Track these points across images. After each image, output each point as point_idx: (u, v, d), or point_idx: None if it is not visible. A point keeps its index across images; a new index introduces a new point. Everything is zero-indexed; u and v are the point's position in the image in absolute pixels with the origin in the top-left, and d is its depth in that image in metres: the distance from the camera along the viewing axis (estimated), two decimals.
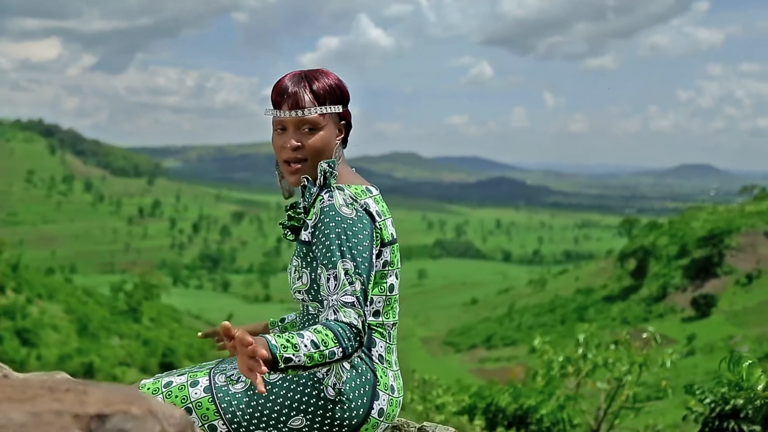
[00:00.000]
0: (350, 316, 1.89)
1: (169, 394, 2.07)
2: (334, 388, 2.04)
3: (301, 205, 2.15)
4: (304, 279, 2.12)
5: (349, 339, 1.87)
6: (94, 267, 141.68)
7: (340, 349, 1.86)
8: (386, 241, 2.12)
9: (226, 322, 1.82)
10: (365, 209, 2.07)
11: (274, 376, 2.07)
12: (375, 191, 2.18)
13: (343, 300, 1.92)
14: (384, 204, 2.18)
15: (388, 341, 2.16)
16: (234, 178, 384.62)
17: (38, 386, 0.86)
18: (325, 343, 1.84)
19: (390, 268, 2.15)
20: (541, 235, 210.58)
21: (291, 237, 2.20)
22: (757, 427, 3.15)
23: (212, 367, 2.19)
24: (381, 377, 2.10)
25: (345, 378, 2.05)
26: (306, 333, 1.85)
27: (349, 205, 2.04)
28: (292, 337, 1.83)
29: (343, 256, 1.96)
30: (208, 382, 2.11)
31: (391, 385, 2.13)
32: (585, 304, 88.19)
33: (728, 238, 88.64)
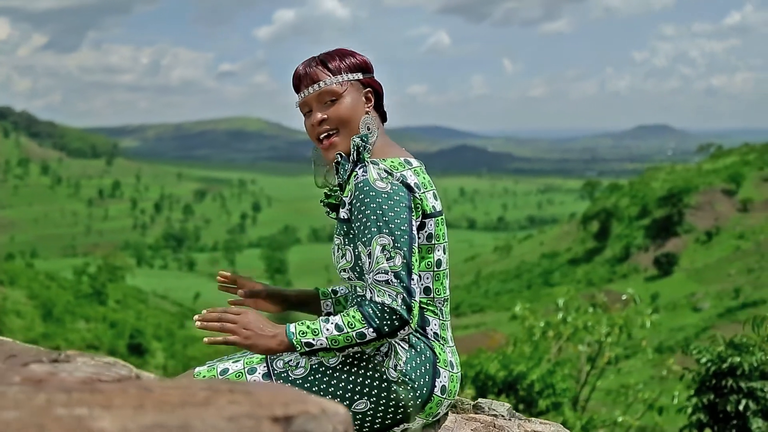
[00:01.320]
0: (384, 295, 1.86)
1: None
2: (395, 370, 2.00)
3: (337, 182, 2.11)
4: (348, 256, 2.07)
5: (382, 319, 1.85)
6: (56, 251, 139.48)
7: (371, 330, 1.86)
8: (428, 212, 2.05)
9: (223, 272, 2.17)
10: (402, 181, 2.00)
11: (333, 361, 2.03)
12: (415, 162, 2.11)
13: (377, 278, 1.88)
14: (426, 176, 2.11)
15: (441, 318, 2.10)
16: (194, 155, 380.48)
17: (200, 387, 0.86)
18: (351, 325, 1.88)
19: (436, 242, 2.08)
20: (504, 201, 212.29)
21: (333, 215, 2.16)
22: (756, 384, 3.17)
23: None
24: (440, 354, 2.06)
25: (405, 358, 2.01)
26: (334, 317, 1.92)
27: (384, 179, 1.98)
28: (315, 322, 1.93)
29: (379, 231, 1.91)
30: (266, 368, 2.08)
31: (450, 361, 2.09)
32: (550, 268, 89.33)
33: (687, 196, 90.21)
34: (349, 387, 2.00)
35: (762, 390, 3.86)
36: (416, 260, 1.91)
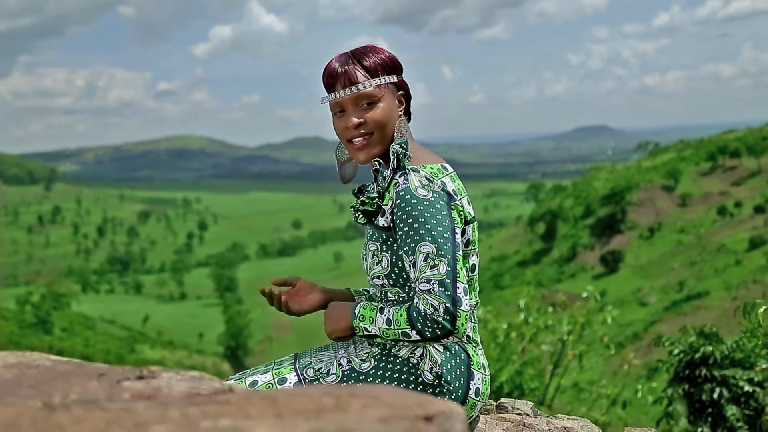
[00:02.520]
0: (426, 304, 1.84)
1: None
2: (431, 372, 1.99)
3: (375, 190, 2.07)
4: (384, 263, 2.04)
5: (424, 326, 1.84)
6: None
7: (414, 332, 1.86)
8: (468, 219, 2.06)
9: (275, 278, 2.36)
10: (443, 188, 1.98)
11: (366, 366, 2.03)
12: (450, 168, 2.08)
13: (420, 288, 1.86)
14: (460, 181, 2.09)
15: (473, 321, 2.11)
16: (136, 176, 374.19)
17: (319, 394, 0.86)
18: (398, 323, 1.89)
19: (472, 248, 2.11)
20: None
21: (362, 220, 2.11)
22: (728, 371, 3.23)
23: (292, 362, 2.15)
24: (473, 356, 2.06)
25: (440, 361, 2.00)
26: (388, 310, 1.95)
27: (425, 186, 1.95)
28: (374, 310, 1.97)
29: (422, 240, 1.88)
30: (297, 377, 2.07)
31: (483, 363, 2.09)
32: (500, 271, 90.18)
33: (628, 194, 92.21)
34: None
35: (734, 377, 3.95)
36: (461, 268, 1.88)
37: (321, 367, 2.06)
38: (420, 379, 1.98)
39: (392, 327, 1.91)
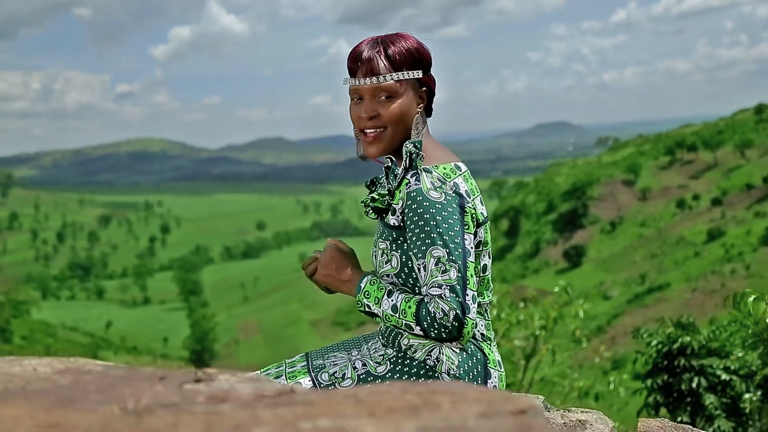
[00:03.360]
0: (437, 309, 1.80)
1: None
2: (449, 374, 1.96)
3: (386, 188, 2.01)
4: (394, 262, 2.01)
5: (430, 326, 1.81)
6: None
7: (419, 329, 1.84)
8: (480, 221, 2.00)
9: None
10: (455, 191, 1.92)
11: (381, 369, 1.97)
12: (464, 168, 2.03)
13: (431, 292, 1.82)
14: (473, 181, 2.04)
15: (486, 319, 2.08)
16: (96, 180, 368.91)
17: (398, 392, 0.86)
18: (404, 313, 1.86)
19: (484, 248, 2.04)
20: None
21: (373, 216, 2.07)
22: (705, 361, 3.29)
23: (305, 364, 2.10)
24: (489, 354, 2.03)
25: (457, 362, 1.97)
26: (397, 296, 1.91)
27: (438, 188, 1.90)
28: (382, 291, 1.94)
29: (433, 244, 1.84)
30: (311, 382, 2.03)
31: (498, 360, 2.07)
32: None
33: (590, 189, 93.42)
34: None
35: (711, 367, 4.03)
36: (471, 274, 1.84)
37: (336, 371, 2.02)
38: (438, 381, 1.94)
39: (397, 315, 1.88)
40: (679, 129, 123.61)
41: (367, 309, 1.96)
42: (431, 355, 1.96)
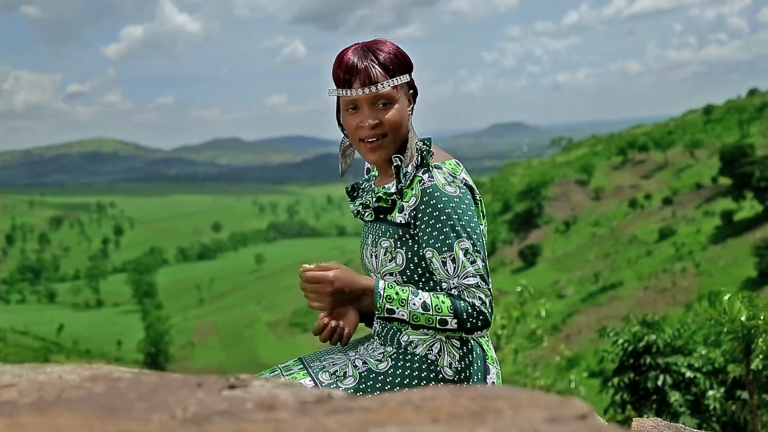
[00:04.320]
0: (475, 297, 1.85)
1: None
2: (451, 368, 1.98)
3: (396, 187, 2.02)
4: (399, 260, 2.02)
5: (470, 316, 1.84)
6: None
7: (455, 321, 1.84)
8: (485, 213, 2.10)
9: (305, 266, 1.95)
10: (465, 184, 2.00)
11: (382, 366, 1.98)
12: (461, 164, 2.10)
13: (466, 283, 1.86)
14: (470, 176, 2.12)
15: None
16: (47, 182, 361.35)
17: (451, 397, 0.85)
18: (438, 309, 1.86)
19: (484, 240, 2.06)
20: None
21: (370, 218, 2.06)
22: (670, 359, 3.35)
23: (301, 367, 2.08)
24: (487, 350, 2.07)
25: (459, 356, 1.99)
26: (423, 293, 1.89)
27: (451, 183, 1.97)
28: (405, 291, 1.90)
29: (458, 236, 1.89)
30: (312, 383, 2.01)
31: (494, 357, 2.11)
32: None
33: (545, 189, 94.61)
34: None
35: (676, 364, 4.09)
36: (486, 263, 1.93)
37: (336, 370, 2.02)
38: (440, 376, 1.97)
39: (430, 312, 1.86)
40: (630, 129, 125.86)
41: (388, 314, 1.91)
42: (432, 350, 1.98)
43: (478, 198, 2.03)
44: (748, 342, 2.69)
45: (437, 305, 1.87)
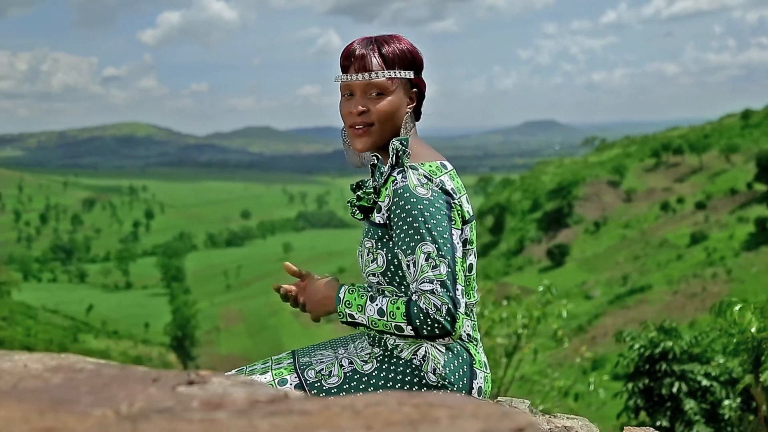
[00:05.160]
0: (429, 304, 1.79)
1: None
2: (434, 374, 1.96)
3: (371, 186, 2.02)
4: (380, 261, 2.00)
5: (423, 323, 1.80)
6: None
7: (410, 328, 1.82)
8: (466, 218, 2.00)
9: (288, 264, 2.10)
10: (441, 188, 1.94)
11: (368, 367, 1.98)
12: (450, 166, 2.04)
13: (422, 288, 1.81)
14: (459, 180, 2.05)
15: (472, 319, 2.07)
16: (81, 163, 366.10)
17: (396, 403, 0.85)
18: (393, 315, 1.85)
19: (470, 247, 2.04)
20: None
21: (359, 216, 2.06)
22: (686, 366, 3.31)
23: (291, 362, 2.09)
24: (475, 355, 2.03)
25: (443, 361, 1.97)
26: (381, 299, 1.90)
27: (425, 185, 1.91)
28: (363, 297, 1.92)
29: (422, 239, 1.84)
30: (297, 379, 2.03)
31: (484, 361, 2.07)
32: None
33: (575, 189, 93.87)
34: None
35: (692, 372, 4.05)
36: (459, 269, 1.85)
37: (322, 369, 2.02)
38: (424, 381, 1.95)
39: (385, 318, 1.87)
40: (665, 132, 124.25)
41: (350, 319, 1.94)
42: (417, 355, 1.95)
43: (456, 202, 1.95)
44: (758, 353, 2.66)
45: (392, 311, 1.85)
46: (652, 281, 65.06)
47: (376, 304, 1.89)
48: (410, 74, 2.03)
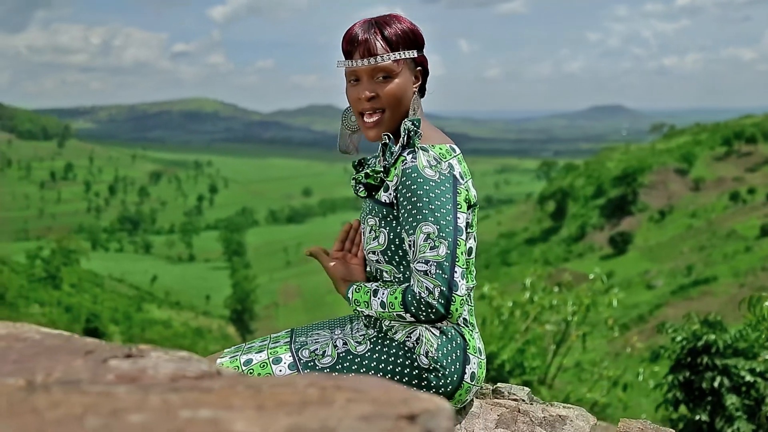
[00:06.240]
0: (422, 287, 1.83)
1: (251, 373, 1.99)
2: (427, 356, 1.97)
3: (381, 164, 2.01)
4: (381, 239, 2.02)
5: (418, 309, 1.84)
6: (7, 234, 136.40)
7: (409, 315, 1.89)
8: (472, 202, 2.02)
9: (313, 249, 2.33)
10: (449, 171, 1.95)
11: (361, 348, 2.01)
12: (458, 150, 2.04)
13: (417, 268, 1.84)
14: (465, 164, 2.06)
15: (470, 304, 2.10)
16: (149, 137, 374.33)
17: (305, 384, 0.84)
18: (392, 306, 1.92)
19: (470, 230, 2.05)
20: None
21: (363, 194, 2.09)
22: (730, 361, 3.23)
23: (287, 341, 2.13)
24: (470, 340, 2.04)
25: (436, 345, 1.97)
26: (382, 293, 1.97)
27: (433, 167, 1.92)
28: (366, 293, 2.00)
29: (425, 219, 1.85)
30: (292, 358, 2.05)
31: (479, 347, 2.08)
32: (508, 247, 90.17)
33: (641, 176, 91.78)
34: (378, 375, 1.95)
35: (735, 367, 3.95)
36: (461, 252, 1.85)
37: (316, 348, 2.04)
38: (416, 363, 1.96)
39: (387, 310, 1.92)
40: (738, 119, 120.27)
41: (363, 314, 2.05)
42: (411, 337, 1.97)
43: (463, 186, 1.95)
44: None
45: (391, 302, 1.91)
46: (717, 273, 63.37)
47: (378, 298, 1.96)
48: (414, 53, 2.02)
